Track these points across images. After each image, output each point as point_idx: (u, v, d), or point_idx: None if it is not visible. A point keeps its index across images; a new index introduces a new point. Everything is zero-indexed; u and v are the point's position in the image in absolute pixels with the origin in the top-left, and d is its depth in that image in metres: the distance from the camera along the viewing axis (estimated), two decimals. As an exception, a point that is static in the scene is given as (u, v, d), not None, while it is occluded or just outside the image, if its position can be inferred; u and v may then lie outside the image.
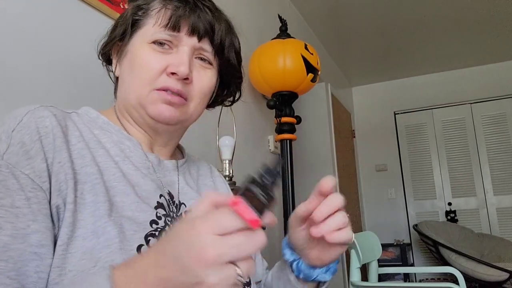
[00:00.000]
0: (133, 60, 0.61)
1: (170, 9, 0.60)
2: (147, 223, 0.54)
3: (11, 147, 0.48)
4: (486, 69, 4.49)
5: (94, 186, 0.52)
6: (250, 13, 2.35)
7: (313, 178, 3.19)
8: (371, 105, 4.92)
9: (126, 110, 0.63)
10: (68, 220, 0.48)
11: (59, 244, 0.47)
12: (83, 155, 0.54)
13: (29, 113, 0.51)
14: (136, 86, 0.60)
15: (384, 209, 4.65)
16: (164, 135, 0.65)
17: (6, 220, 0.44)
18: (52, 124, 0.51)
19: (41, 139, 0.49)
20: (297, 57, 2.00)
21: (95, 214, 0.50)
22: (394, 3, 3.22)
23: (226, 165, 1.50)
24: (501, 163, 4.29)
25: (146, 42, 0.60)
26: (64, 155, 0.51)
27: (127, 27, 0.62)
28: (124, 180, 0.56)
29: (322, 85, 3.39)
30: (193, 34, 0.61)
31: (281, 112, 2.11)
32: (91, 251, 0.47)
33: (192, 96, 0.62)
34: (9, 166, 0.47)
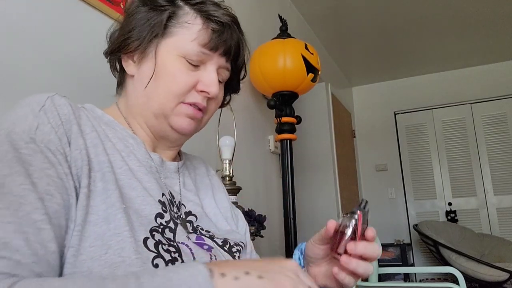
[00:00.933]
0: (161, 71, 0.61)
1: (211, 30, 0.62)
2: (152, 217, 0.56)
3: (41, 126, 0.50)
4: (486, 69, 4.49)
5: (105, 174, 0.53)
6: (251, 13, 2.35)
7: (313, 178, 3.21)
8: (371, 105, 4.92)
9: (139, 113, 0.64)
10: (82, 203, 0.49)
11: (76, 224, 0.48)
12: (96, 144, 0.55)
13: (49, 99, 0.52)
14: (162, 95, 0.61)
15: (384, 209, 4.65)
16: (175, 141, 0.68)
17: (56, 190, 0.47)
18: (69, 112, 0.53)
19: (63, 125, 0.52)
20: (297, 57, 2.00)
21: (106, 201, 0.51)
22: (394, 3, 3.22)
23: (226, 165, 1.50)
24: (501, 163, 4.29)
25: (177, 54, 0.61)
26: (80, 141, 0.53)
27: (157, 31, 0.61)
28: (130, 173, 0.58)
29: (322, 85, 3.39)
30: (225, 55, 0.64)
31: (281, 112, 2.11)
32: (101, 237, 0.48)
33: (208, 110, 0.66)
34: (43, 141, 0.49)
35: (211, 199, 0.74)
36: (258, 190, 2.22)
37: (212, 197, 0.75)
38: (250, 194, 2.07)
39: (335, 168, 3.35)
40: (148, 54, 0.62)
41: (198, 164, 0.79)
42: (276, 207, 2.40)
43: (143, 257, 0.49)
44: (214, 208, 0.73)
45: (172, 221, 0.59)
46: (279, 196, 2.39)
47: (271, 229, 2.23)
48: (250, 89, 2.25)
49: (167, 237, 0.56)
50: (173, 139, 0.66)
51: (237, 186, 1.51)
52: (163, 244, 0.53)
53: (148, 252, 0.50)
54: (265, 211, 2.10)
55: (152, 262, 0.50)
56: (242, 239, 0.70)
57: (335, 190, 3.28)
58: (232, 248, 0.65)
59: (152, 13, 0.62)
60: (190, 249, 0.57)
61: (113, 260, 0.47)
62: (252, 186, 2.14)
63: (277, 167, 2.52)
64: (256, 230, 1.51)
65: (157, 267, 0.50)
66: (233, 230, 0.72)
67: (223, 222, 0.71)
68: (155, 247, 0.52)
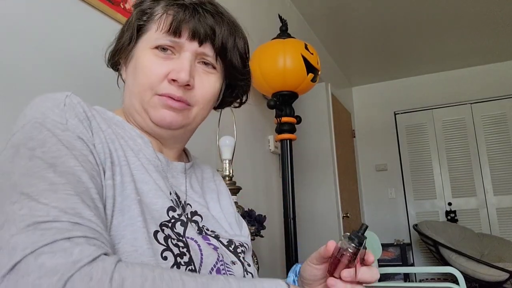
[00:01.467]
0: (136, 65, 0.62)
1: (171, 14, 0.60)
2: (164, 210, 0.57)
3: (70, 119, 0.51)
4: (486, 69, 4.49)
5: (122, 168, 0.55)
6: (251, 13, 2.35)
7: (313, 178, 3.20)
8: (371, 105, 4.92)
9: (130, 114, 0.64)
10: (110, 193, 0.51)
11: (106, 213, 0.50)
12: (113, 139, 0.57)
13: (68, 98, 0.54)
14: (138, 90, 0.61)
15: (384, 209, 4.65)
16: (169, 139, 0.66)
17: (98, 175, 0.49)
18: (87, 110, 0.55)
19: (86, 120, 0.53)
20: (297, 57, 2.00)
21: (122, 194, 0.52)
22: (394, 3, 3.22)
23: (226, 165, 1.50)
24: (501, 163, 4.29)
25: (149, 47, 0.61)
26: (101, 135, 0.54)
27: (133, 33, 0.63)
28: (143, 168, 0.58)
29: (322, 85, 3.39)
30: (194, 39, 0.61)
31: (281, 112, 2.11)
32: (116, 227, 0.49)
33: (195, 101, 0.63)
34: (76, 131, 0.50)
35: (216, 203, 0.74)
36: (258, 190, 2.22)
37: (218, 201, 0.75)
38: (250, 194, 2.07)
39: (335, 168, 3.35)
40: (130, 57, 0.64)
41: (205, 169, 0.79)
42: (276, 207, 2.40)
43: (154, 247, 0.50)
44: (219, 212, 0.73)
45: (183, 215, 0.60)
46: (279, 196, 2.39)
47: (271, 229, 2.23)
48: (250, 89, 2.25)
49: (177, 231, 0.56)
50: (166, 135, 0.64)
51: (237, 186, 1.51)
52: (172, 239, 0.54)
53: (158, 245, 0.51)
54: (265, 211, 2.10)
55: (161, 255, 0.51)
56: (246, 241, 0.70)
57: (335, 190, 3.28)
58: (237, 249, 0.65)
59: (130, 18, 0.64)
60: (198, 245, 0.58)
61: (126, 249, 0.48)
62: (252, 186, 2.14)
63: (277, 167, 2.52)
64: (256, 230, 1.51)
65: (165, 259, 0.51)
66: (236, 234, 0.72)
67: (227, 227, 0.71)
68: (164, 240, 0.52)
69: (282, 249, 2.13)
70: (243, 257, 0.65)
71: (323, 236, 3.13)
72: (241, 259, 0.64)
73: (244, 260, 0.65)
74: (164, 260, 0.50)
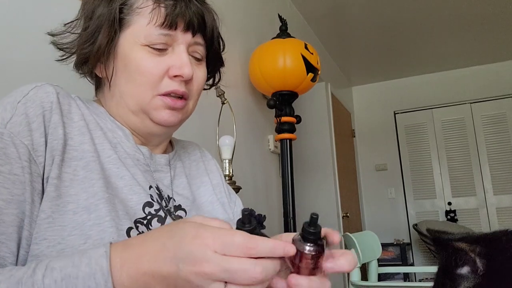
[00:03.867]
0: (126, 65, 0.58)
1: (164, 7, 0.57)
2: (139, 206, 0.55)
3: (14, 117, 0.50)
4: (486, 69, 4.49)
5: (89, 163, 0.53)
6: (250, 13, 2.35)
7: (312, 178, 3.20)
8: (371, 105, 4.92)
9: (117, 113, 0.61)
10: (51, 194, 0.49)
11: (42, 217, 0.48)
12: (83, 132, 0.55)
13: (35, 88, 0.53)
14: (135, 92, 0.58)
15: (384, 208, 4.65)
16: (161, 136, 0.65)
17: (3, 186, 0.46)
18: (54, 100, 0.53)
19: (44, 113, 0.51)
20: (297, 57, 2.00)
21: (88, 191, 0.51)
22: (394, 3, 3.22)
23: (226, 165, 1.50)
24: (501, 163, 4.29)
25: (139, 44, 0.57)
26: (59, 131, 0.52)
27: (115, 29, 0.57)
28: (119, 162, 0.57)
29: (322, 84, 3.39)
30: (188, 30, 0.59)
31: (281, 111, 2.11)
32: (81, 226, 0.48)
33: (192, 94, 0.62)
34: (11, 135, 0.48)
35: (208, 186, 0.72)
36: (258, 189, 2.22)
37: (209, 182, 0.72)
38: (250, 194, 2.08)
39: (334, 167, 3.35)
40: (108, 52, 0.59)
41: (193, 150, 0.76)
42: (276, 207, 2.40)
43: None
44: (211, 195, 0.71)
45: (162, 210, 0.58)
46: (279, 195, 2.39)
47: (271, 228, 2.23)
48: (250, 88, 2.25)
49: (154, 227, 0.55)
50: (160, 133, 0.63)
51: (237, 186, 1.51)
52: None
53: None
54: (265, 210, 2.10)
55: None
56: None
57: (335, 189, 3.28)
58: None
59: (105, 9, 0.58)
60: None
61: None
62: (252, 186, 2.14)
63: (277, 166, 2.52)
64: (256, 230, 1.50)
65: None
66: (230, 219, 0.69)
67: (220, 210, 0.69)
68: None
69: (282, 249, 2.13)
70: None
71: (323, 236, 3.12)
72: None
73: None
74: None
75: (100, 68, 0.61)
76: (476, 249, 0.49)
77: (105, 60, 0.59)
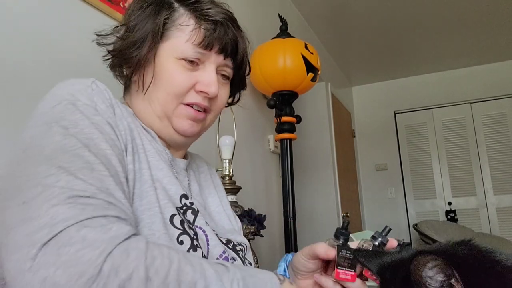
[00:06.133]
0: (161, 74, 0.62)
1: (204, 29, 0.62)
2: (177, 196, 0.59)
3: (98, 102, 0.52)
4: (486, 68, 4.49)
5: (140, 155, 0.57)
6: (250, 13, 2.35)
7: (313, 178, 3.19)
8: (371, 105, 4.92)
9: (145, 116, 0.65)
10: (132, 177, 0.53)
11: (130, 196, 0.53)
12: (132, 128, 0.59)
13: (94, 83, 0.55)
14: (161, 97, 0.62)
15: (384, 208, 4.65)
16: (182, 144, 0.69)
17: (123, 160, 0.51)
18: (111, 96, 0.57)
19: (111, 106, 0.55)
20: (297, 57, 2.00)
21: (140, 180, 0.54)
22: (394, 3, 3.22)
23: (226, 165, 1.50)
24: (501, 163, 4.29)
25: (175, 57, 0.62)
26: (124, 122, 0.57)
27: (158, 41, 0.62)
28: (157, 156, 0.61)
29: (322, 84, 3.39)
30: (221, 52, 0.64)
31: (281, 111, 2.11)
32: (135, 211, 0.51)
33: (213, 110, 0.67)
34: (105, 116, 0.52)
35: (215, 197, 0.76)
36: (258, 189, 2.22)
37: (216, 195, 0.77)
38: (250, 194, 2.08)
39: (335, 167, 3.35)
40: (148, 61, 0.63)
41: (200, 163, 0.81)
42: (276, 207, 2.40)
43: (169, 233, 0.52)
44: (218, 206, 0.75)
45: (193, 205, 0.62)
46: (279, 195, 2.39)
47: (271, 228, 2.23)
48: (250, 88, 2.25)
49: (187, 218, 0.58)
50: (180, 142, 0.67)
51: (237, 186, 1.51)
52: (187, 222, 0.56)
53: (174, 229, 0.53)
54: (265, 210, 2.10)
55: (177, 239, 0.53)
56: (244, 241, 0.71)
57: (335, 189, 3.28)
58: (236, 247, 0.66)
59: (150, 21, 0.62)
60: (206, 234, 0.60)
61: (144, 232, 0.50)
62: (252, 186, 2.14)
63: (277, 166, 2.52)
64: (256, 230, 1.51)
65: (182, 243, 0.52)
66: (235, 229, 0.74)
67: (226, 220, 0.73)
68: (181, 224, 0.55)
69: (282, 249, 2.14)
70: (242, 255, 0.67)
71: (323, 236, 3.12)
72: (240, 256, 0.65)
73: (244, 258, 0.66)
74: (180, 244, 0.52)
75: (138, 74, 0.65)
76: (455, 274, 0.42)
77: (144, 67, 0.64)
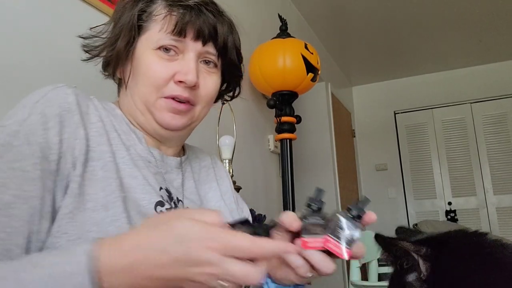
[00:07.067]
0: (138, 67, 0.61)
1: (175, 15, 0.60)
2: (152, 205, 0.57)
3: (32, 115, 0.51)
4: (486, 68, 4.48)
5: (107, 164, 0.55)
6: (250, 13, 2.35)
7: (313, 178, 3.19)
8: (371, 105, 4.91)
9: (131, 113, 0.64)
10: (74, 191, 0.51)
11: (65, 212, 0.50)
12: (101, 134, 0.57)
13: (54, 89, 0.55)
14: (142, 92, 0.61)
15: (384, 208, 4.64)
16: (171, 139, 0.67)
17: (14, 182, 0.47)
18: (73, 102, 0.55)
19: (61, 114, 0.53)
20: (297, 57, 2.00)
21: (106, 189, 0.53)
22: (394, 3, 3.22)
23: (226, 165, 1.50)
24: (501, 163, 4.29)
25: (151, 48, 0.60)
26: (81, 132, 0.54)
27: (131, 35, 0.61)
28: (131, 163, 0.59)
29: (322, 84, 3.39)
30: (198, 39, 0.61)
31: (281, 111, 2.11)
32: (100, 223, 0.50)
33: (199, 100, 0.64)
34: (26, 133, 0.50)
35: (216, 191, 0.74)
36: (258, 189, 2.22)
37: (218, 188, 0.75)
38: (250, 194, 2.07)
39: (335, 167, 3.35)
40: (127, 56, 0.63)
41: (203, 156, 0.79)
42: (276, 207, 2.40)
43: None
44: (219, 200, 0.73)
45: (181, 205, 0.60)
46: (279, 195, 2.39)
47: (271, 228, 2.23)
48: (250, 88, 2.25)
49: None
50: (167, 136, 0.65)
51: (237, 186, 1.51)
52: None
53: None
54: (265, 210, 2.10)
55: None
56: None
57: (335, 189, 3.27)
58: None
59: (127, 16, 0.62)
60: None
61: None
62: (252, 186, 2.14)
63: (277, 166, 2.52)
64: (256, 230, 1.50)
65: None
66: None
67: (227, 216, 0.71)
68: None
69: (282, 249, 2.13)
70: None
71: (323, 236, 3.12)
72: None
73: None
74: None
75: (120, 70, 0.64)
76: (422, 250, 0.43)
77: (124, 63, 0.63)
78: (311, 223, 0.47)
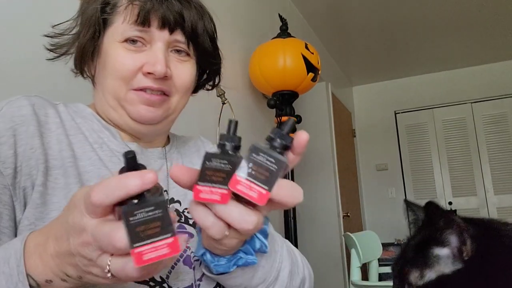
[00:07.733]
0: (105, 61, 0.58)
1: (137, 4, 0.57)
2: None
3: None
4: (486, 68, 4.48)
5: (67, 170, 0.54)
6: (251, 13, 2.35)
7: (313, 178, 3.19)
8: (371, 105, 4.92)
9: (104, 110, 0.62)
10: (36, 202, 0.50)
11: (25, 223, 0.49)
12: (61, 140, 0.56)
13: (8, 104, 0.53)
14: (111, 86, 0.58)
15: (385, 208, 4.65)
16: (149, 134, 0.64)
17: None
18: (28, 113, 0.54)
19: (14, 127, 0.52)
20: (297, 57, 2.00)
21: (67, 196, 0.51)
22: (394, 3, 3.22)
23: (227, 165, 1.49)
24: (501, 163, 4.29)
25: (117, 41, 0.58)
26: (36, 141, 0.53)
27: (96, 28, 0.58)
28: (100, 163, 0.57)
29: (323, 84, 3.39)
30: (164, 27, 0.58)
31: (281, 111, 2.11)
32: None
33: (174, 91, 0.61)
34: None
35: None
36: (258, 189, 2.22)
37: None
38: (250, 194, 2.07)
39: (335, 167, 3.35)
40: (96, 51, 0.60)
41: (194, 143, 0.75)
42: (276, 207, 2.40)
43: None
44: None
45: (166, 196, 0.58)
46: (279, 195, 2.38)
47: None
48: (250, 88, 2.25)
49: None
50: (144, 131, 0.62)
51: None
52: None
53: None
54: (265, 210, 2.10)
55: None
56: None
57: (335, 189, 3.27)
58: None
59: (91, 9, 0.59)
60: None
61: None
62: (252, 186, 2.14)
63: (277, 166, 2.51)
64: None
65: None
66: None
67: None
68: None
69: (283, 249, 2.13)
70: None
71: (323, 236, 3.13)
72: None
73: None
74: None
75: (89, 67, 0.62)
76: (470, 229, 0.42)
77: (92, 59, 0.61)
78: (212, 167, 0.36)
